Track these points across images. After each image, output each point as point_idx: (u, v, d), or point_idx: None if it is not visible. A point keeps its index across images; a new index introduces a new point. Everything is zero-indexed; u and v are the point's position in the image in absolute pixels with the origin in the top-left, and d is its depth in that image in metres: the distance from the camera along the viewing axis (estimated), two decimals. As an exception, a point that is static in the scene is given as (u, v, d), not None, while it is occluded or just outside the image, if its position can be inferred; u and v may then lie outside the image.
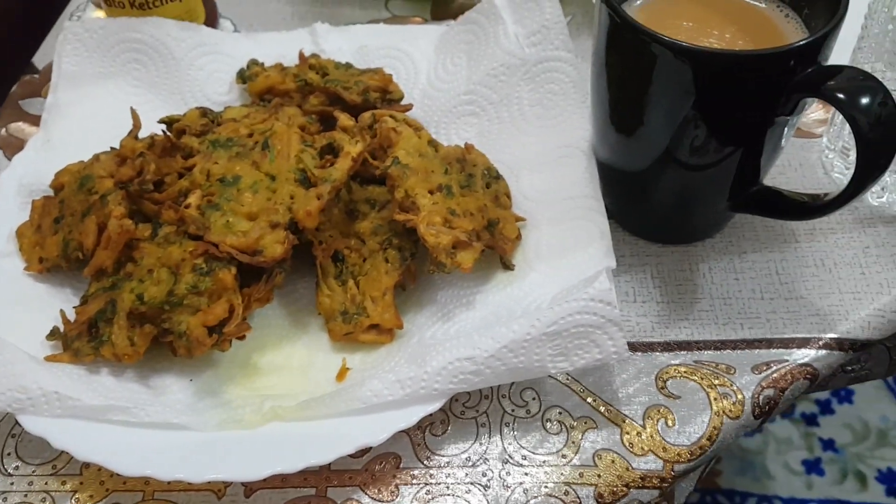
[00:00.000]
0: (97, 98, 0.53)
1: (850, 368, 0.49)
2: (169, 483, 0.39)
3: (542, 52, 0.48)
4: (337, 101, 0.50)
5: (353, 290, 0.43)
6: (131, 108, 0.46)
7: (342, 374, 0.41)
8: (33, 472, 0.40)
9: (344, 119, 0.45)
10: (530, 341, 0.37)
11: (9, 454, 0.41)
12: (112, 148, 0.47)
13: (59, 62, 0.53)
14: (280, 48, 0.55)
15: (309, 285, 0.45)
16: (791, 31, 0.40)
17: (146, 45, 0.53)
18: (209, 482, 0.38)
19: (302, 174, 0.43)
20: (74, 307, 0.43)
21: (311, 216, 0.41)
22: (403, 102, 0.51)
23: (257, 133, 0.45)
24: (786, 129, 0.39)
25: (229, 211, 0.41)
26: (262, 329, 0.44)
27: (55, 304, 0.44)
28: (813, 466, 1.08)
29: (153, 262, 0.42)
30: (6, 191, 0.48)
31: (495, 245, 0.42)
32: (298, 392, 0.40)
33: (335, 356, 0.42)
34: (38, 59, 0.61)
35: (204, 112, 0.47)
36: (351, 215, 0.45)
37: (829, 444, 1.10)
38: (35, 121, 0.56)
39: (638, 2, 0.42)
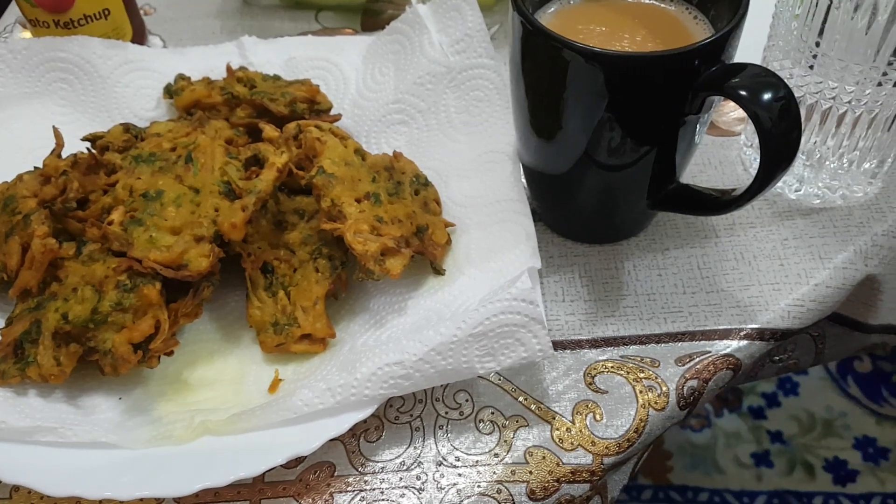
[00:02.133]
0: (23, 118, 0.52)
1: (777, 358, 0.50)
2: (100, 502, 0.39)
3: (466, 60, 0.49)
4: (264, 114, 0.50)
5: (283, 301, 0.43)
6: (53, 127, 0.46)
7: (274, 385, 0.41)
8: (-41, 499, 0.39)
9: (269, 130, 0.46)
10: (457, 343, 0.37)
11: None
12: (35, 167, 0.46)
13: (-17, 83, 0.52)
14: (208, 62, 0.55)
15: (240, 298, 0.45)
16: (699, 32, 0.41)
17: (71, 64, 0.53)
18: (140, 500, 0.37)
19: (227, 186, 0.43)
20: (0, 330, 0.42)
21: (236, 228, 0.41)
22: (333, 113, 0.52)
23: (181, 147, 0.44)
24: (697, 127, 0.40)
25: (152, 226, 0.41)
26: (192, 344, 0.44)
27: (-18, 327, 0.43)
28: (762, 459, 1.10)
29: (77, 280, 0.41)
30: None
31: (425, 251, 0.43)
32: (231, 406, 0.40)
33: (267, 368, 0.42)
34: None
35: (127, 128, 0.47)
36: (279, 226, 0.45)
37: (776, 437, 1.12)
38: (-42, 143, 0.55)
39: (552, 8, 0.43)
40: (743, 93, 0.35)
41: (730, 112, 0.55)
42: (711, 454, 1.11)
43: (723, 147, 0.52)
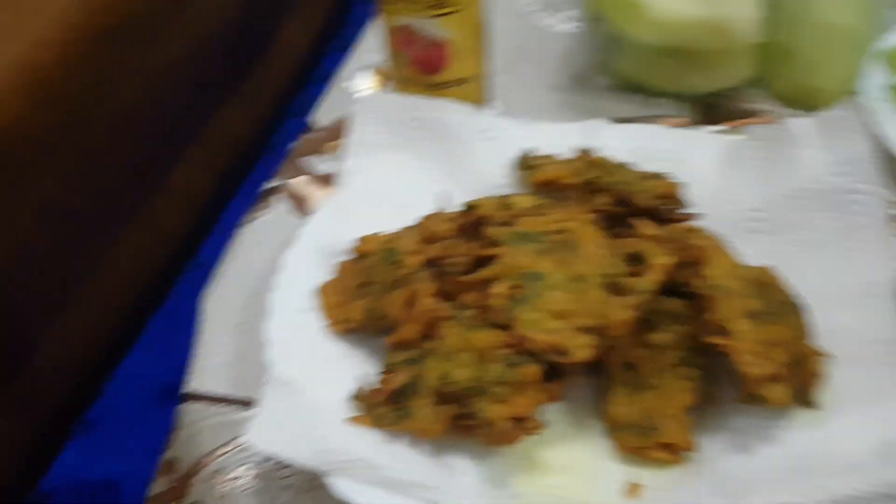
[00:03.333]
0: (386, 168, 0.56)
1: None
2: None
3: (849, 183, 0.47)
4: (623, 203, 0.51)
5: (646, 403, 0.43)
6: (440, 192, 0.48)
7: (635, 490, 0.41)
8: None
9: (647, 227, 0.46)
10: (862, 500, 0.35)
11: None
12: (415, 223, 0.49)
13: (356, 130, 0.56)
14: (555, 139, 0.57)
15: (587, 385, 0.46)
16: None
17: (434, 125, 0.56)
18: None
19: (609, 280, 0.43)
20: (379, 373, 0.44)
21: (623, 326, 0.42)
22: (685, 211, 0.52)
23: (563, 232, 0.46)
24: None
25: (536, 307, 0.42)
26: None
27: (354, 363, 0.46)
28: None
29: (457, 343, 0.43)
30: (306, 247, 0.51)
31: (799, 380, 0.41)
32: (587, 499, 0.40)
33: (621, 467, 0.42)
34: (317, 117, 0.65)
35: (504, 202, 0.49)
36: (646, 324, 0.45)
37: None
38: (317, 177, 0.60)
39: None
40: None
41: None
42: None
43: None
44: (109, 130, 1.08)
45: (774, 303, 0.44)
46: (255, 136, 1.46)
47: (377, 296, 0.46)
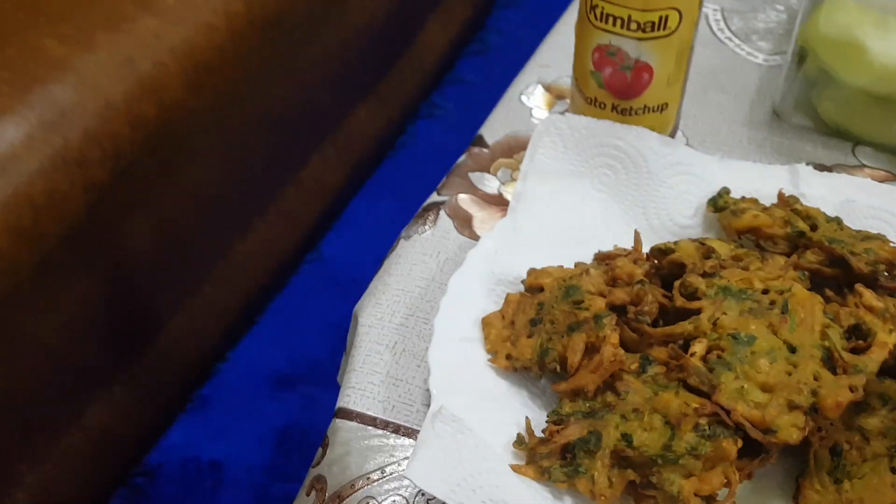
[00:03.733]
0: (563, 195, 0.52)
1: None
2: None
3: None
4: (836, 265, 0.45)
5: (848, 494, 0.38)
6: (636, 232, 0.45)
7: None
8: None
9: (871, 298, 0.41)
10: None
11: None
12: (601, 262, 0.45)
13: (534, 152, 0.53)
14: (755, 181, 0.52)
15: (780, 464, 0.41)
16: None
17: (623, 154, 0.52)
18: None
19: (827, 353, 0.38)
20: (548, 421, 0.41)
21: (839, 408, 0.36)
22: (907, 281, 0.46)
23: (773, 291, 0.41)
24: None
25: (742, 374, 0.38)
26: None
27: (517, 404, 0.43)
28: None
29: (641, 401, 0.39)
30: (472, 271, 0.48)
31: None
32: None
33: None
34: (485, 132, 0.62)
35: (706, 252, 0.44)
36: (855, 406, 0.40)
37: None
38: (483, 196, 0.57)
39: None
40: None
41: None
42: None
43: None
44: (256, 121, 1.10)
45: None
46: (385, 134, 1.46)
47: (551, 336, 0.43)
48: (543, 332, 0.43)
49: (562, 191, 0.52)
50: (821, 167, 0.56)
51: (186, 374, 1.11)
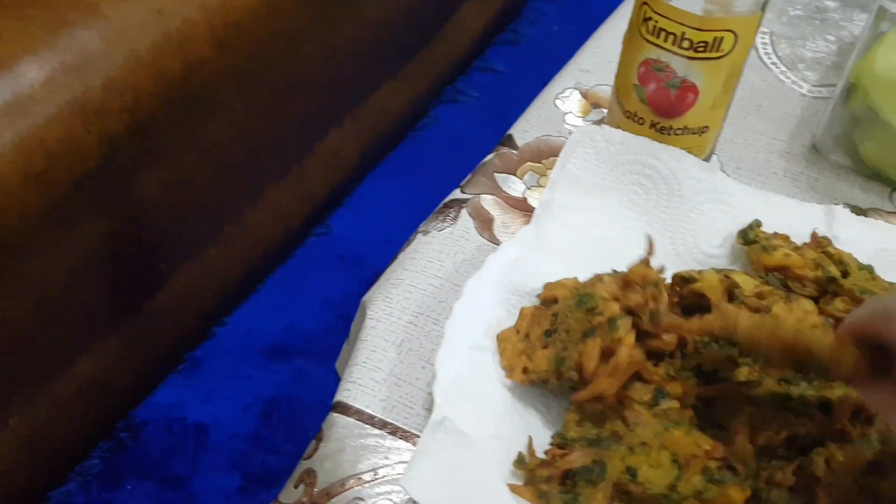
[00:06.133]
0: (591, 209, 0.51)
1: None
2: None
3: None
4: (864, 315, 0.44)
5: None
6: (648, 235, 0.43)
7: None
8: None
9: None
10: None
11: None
12: (614, 271, 0.44)
13: (565, 161, 0.51)
14: (788, 217, 0.50)
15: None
16: None
17: (658, 174, 0.51)
18: None
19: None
20: (551, 444, 0.40)
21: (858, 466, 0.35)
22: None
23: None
24: None
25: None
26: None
27: (523, 421, 0.42)
28: None
29: (650, 436, 0.38)
30: (490, 278, 0.47)
31: None
32: None
33: None
34: (516, 132, 0.61)
35: (730, 286, 0.43)
36: (873, 468, 0.38)
37: None
38: (507, 199, 0.56)
39: None
40: None
41: None
42: None
43: None
44: (280, 89, 1.08)
45: None
46: (406, 115, 1.44)
47: (566, 345, 0.42)
48: (559, 342, 0.42)
49: (589, 205, 0.51)
50: (856, 209, 0.55)
51: (182, 334, 1.10)
